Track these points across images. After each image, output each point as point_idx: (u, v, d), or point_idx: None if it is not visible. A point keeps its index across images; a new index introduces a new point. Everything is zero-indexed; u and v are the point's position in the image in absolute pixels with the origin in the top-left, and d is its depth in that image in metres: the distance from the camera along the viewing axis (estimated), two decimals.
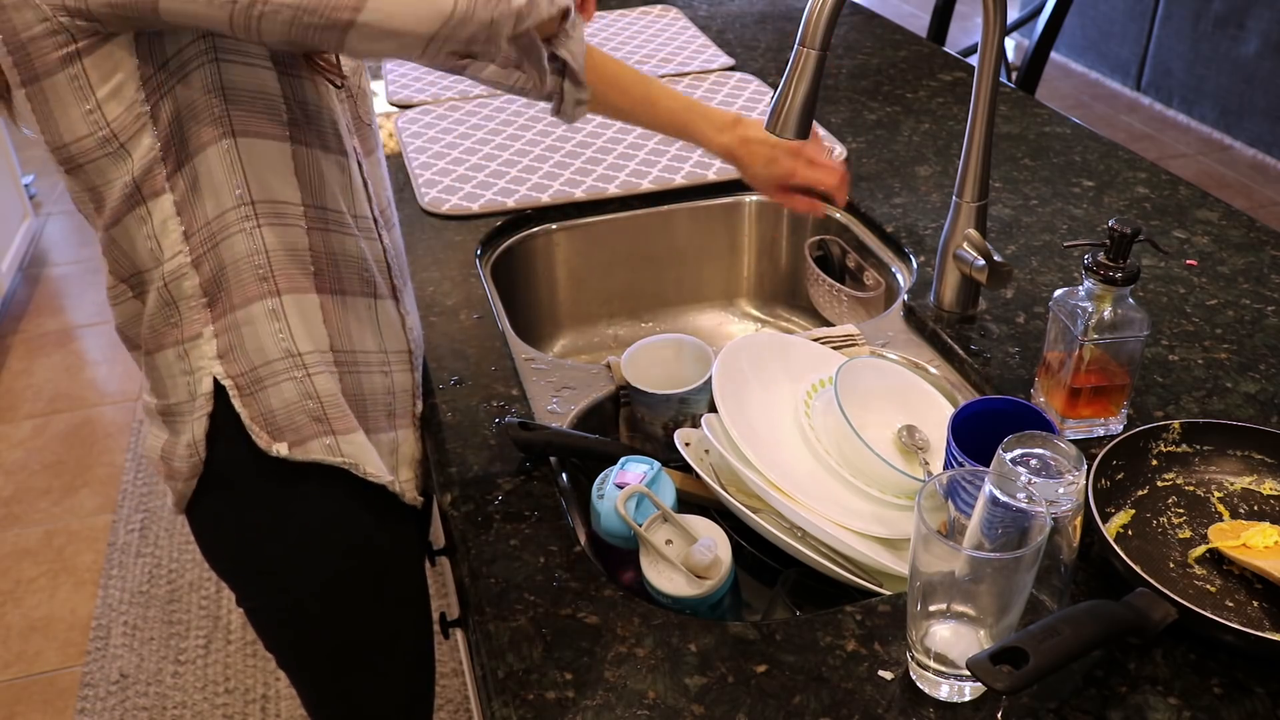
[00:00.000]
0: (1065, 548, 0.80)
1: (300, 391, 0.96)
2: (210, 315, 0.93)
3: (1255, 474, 0.97)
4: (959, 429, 0.92)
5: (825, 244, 1.53)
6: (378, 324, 1.03)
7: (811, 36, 1.01)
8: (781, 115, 1.03)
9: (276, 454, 0.96)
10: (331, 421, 0.98)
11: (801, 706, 0.77)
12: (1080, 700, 0.78)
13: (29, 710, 2.06)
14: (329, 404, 0.98)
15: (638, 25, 2.19)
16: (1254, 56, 4.01)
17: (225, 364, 0.94)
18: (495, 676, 0.81)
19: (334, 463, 0.99)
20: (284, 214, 0.92)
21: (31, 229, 3.56)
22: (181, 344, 0.94)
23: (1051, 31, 2.60)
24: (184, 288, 0.92)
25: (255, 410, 0.96)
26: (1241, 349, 1.17)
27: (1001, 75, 1.23)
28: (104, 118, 0.84)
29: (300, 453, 0.97)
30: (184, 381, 0.96)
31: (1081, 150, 1.63)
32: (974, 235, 1.19)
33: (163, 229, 0.89)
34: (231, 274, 0.92)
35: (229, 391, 0.95)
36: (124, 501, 2.55)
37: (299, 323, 0.95)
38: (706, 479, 0.97)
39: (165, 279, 0.91)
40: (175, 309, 0.93)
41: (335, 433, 0.99)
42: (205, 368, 0.94)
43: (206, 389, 0.95)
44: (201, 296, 0.92)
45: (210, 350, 0.94)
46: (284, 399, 0.96)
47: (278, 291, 0.94)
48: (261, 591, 1.08)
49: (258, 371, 0.95)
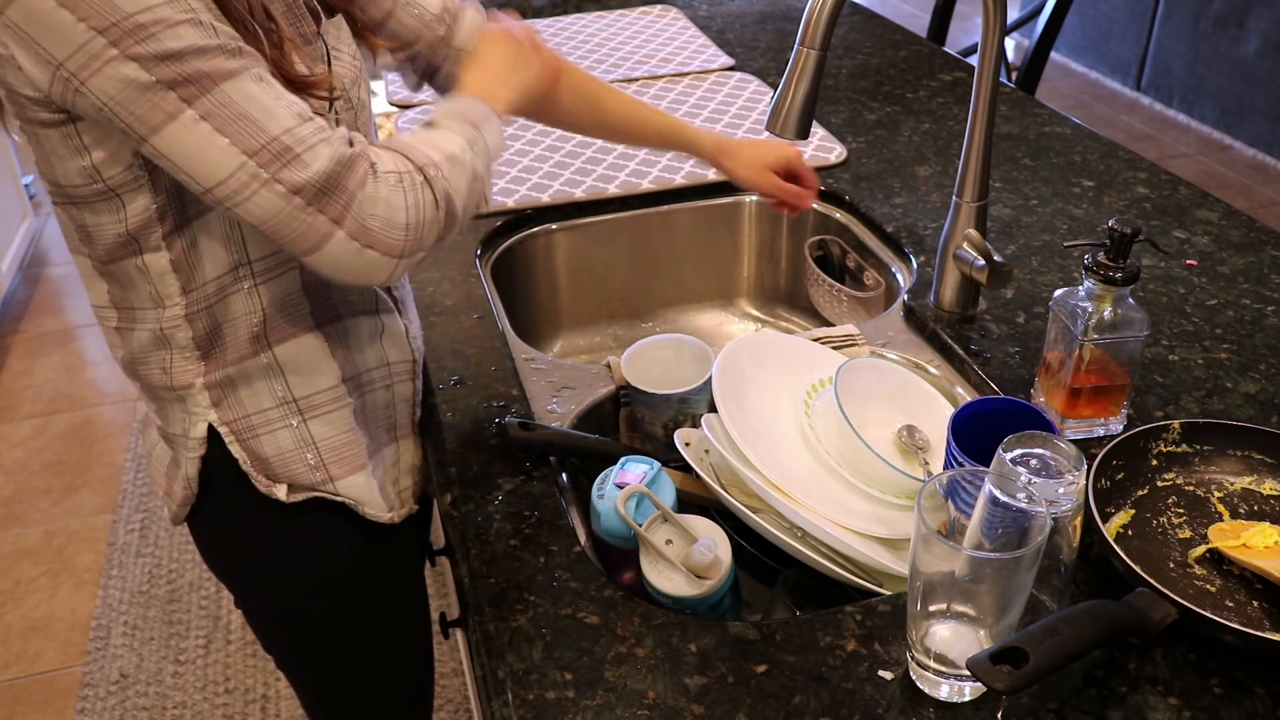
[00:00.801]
0: (1065, 548, 0.80)
1: (297, 440, 0.96)
2: (203, 368, 0.93)
3: (1255, 474, 0.97)
4: (959, 429, 0.92)
5: (825, 244, 1.53)
6: (380, 339, 1.02)
7: (812, 36, 1.01)
8: (782, 115, 1.04)
9: (275, 496, 0.97)
10: (330, 467, 0.98)
11: (801, 706, 0.77)
12: (1080, 700, 0.78)
13: (29, 710, 2.06)
14: (327, 449, 0.98)
15: (638, 25, 2.19)
16: (1254, 56, 4.01)
17: (219, 411, 0.94)
18: (495, 676, 0.81)
19: (336, 500, 1.00)
20: (281, 263, 0.91)
21: (31, 229, 3.56)
22: (173, 389, 0.94)
23: (1051, 31, 2.60)
24: (178, 338, 0.91)
25: (252, 454, 0.96)
26: (1241, 349, 1.17)
27: (1001, 75, 1.23)
28: (99, 174, 0.82)
29: (299, 496, 0.98)
30: (180, 418, 0.96)
31: (1081, 150, 1.63)
32: (974, 235, 1.19)
33: (160, 280, 0.88)
34: (228, 332, 0.91)
35: (225, 437, 0.95)
36: (124, 501, 2.55)
37: (296, 370, 0.95)
38: (706, 479, 0.97)
39: (162, 324, 0.90)
40: (168, 353, 0.92)
41: (334, 478, 0.99)
42: (200, 414, 0.94)
43: (201, 433, 0.95)
44: (195, 350, 0.92)
45: (204, 400, 0.94)
46: (279, 446, 0.96)
47: (270, 345, 0.93)
48: (259, 593, 1.08)
49: (251, 419, 0.95)
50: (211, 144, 0.75)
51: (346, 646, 1.12)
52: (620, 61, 1.99)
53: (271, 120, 0.76)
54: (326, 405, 0.97)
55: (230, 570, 1.09)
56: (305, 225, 0.77)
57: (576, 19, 2.24)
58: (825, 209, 1.55)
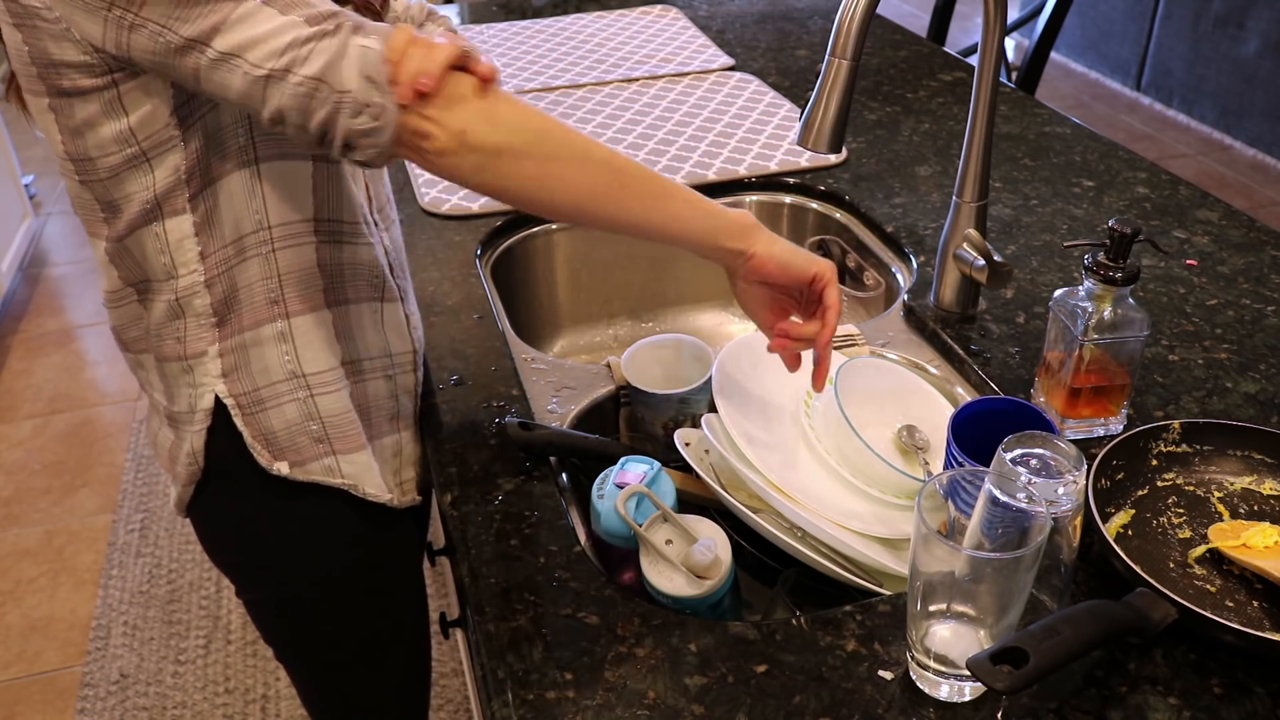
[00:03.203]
0: (1065, 548, 0.80)
1: (303, 412, 0.97)
2: (218, 335, 0.93)
3: (1255, 474, 0.97)
4: (959, 429, 0.92)
5: (825, 244, 1.54)
6: (383, 327, 1.03)
7: (843, 47, 0.98)
8: (814, 128, 1.00)
9: (277, 472, 0.97)
10: (333, 441, 0.99)
11: (801, 706, 0.77)
12: (1080, 700, 0.78)
13: (29, 710, 2.06)
14: (331, 424, 0.98)
15: (638, 25, 2.19)
16: (1254, 56, 4.01)
17: (228, 383, 0.94)
18: (495, 676, 0.81)
19: (334, 484, 1.00)
20: (299, 234, 0.92)
21: (31, 229, 3.56)
22: (185, 359, 0.94)
23: (1051, 31, 2.60)
24: (194, 305, 0.91)
25: (256, 429, 0.96)
26: (1241, 349, 1.17)
27: (1001, 75, 1.23)
28: (134, 136, 0.83)
29: (301, 473, 0.98)
30: (186, 393, 0.96)
31: (1081, 150, 1.63)
32: (974, 235, 1.19)
33: (179, 246, 0.89)
34: (244, 296, 0.92)
35: (230, 410, 0.95)
36: (124, 501, 2.55)
37: (307, 344, 0.95)
38: (706, 479, 0.97)
39: (177, 293, 0.91)
40: (182, 322, 0.92)
41: (337, 452, 0.99)
42: (208, 385, 0.94)
43: (207, 404, 0.95)
44: (211, 316, 0.92)
45: (215, 369, 0.94)
46: (286, 420, 0.96)
47: (287, 314, 0.94)
48: (260, 583, 1.08)
49: (260, 392, 0.95)
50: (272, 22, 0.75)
51: (346, 638, 1.12)
52: (620, 61, 1.99)
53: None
54: (330, 384, 0.97)
55: (231, 560, 1.09)
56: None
57: (576, 19, 2.24)
58: (825, 209, 1.55)
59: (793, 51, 2.06)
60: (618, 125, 1.71)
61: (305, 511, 1.01)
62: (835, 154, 1.01)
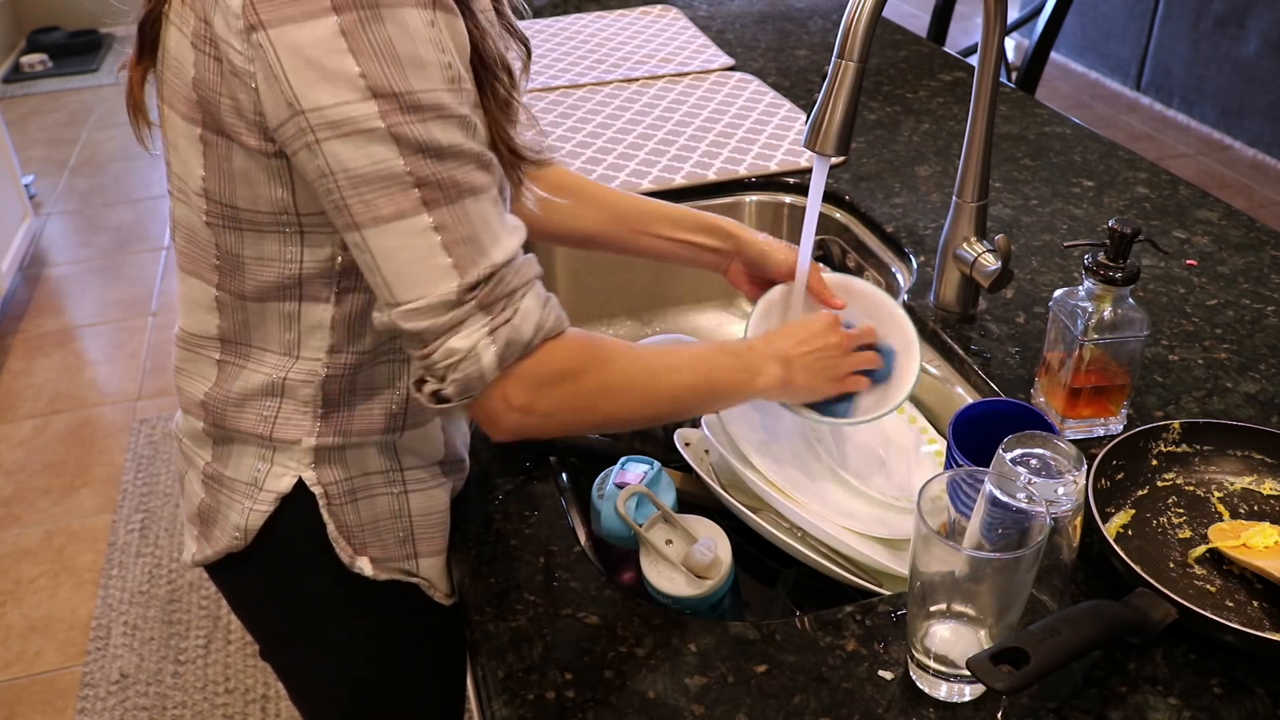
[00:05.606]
0: (1065, 548, 0.80)
1: (393, 509, 0.90)
2: (318, 428, 0.84)
3: (1255, 474, 0.97)
4: (959, 429, 0.92)
5: (825, 244, 1.53)
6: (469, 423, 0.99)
7: (850, 48, 0.96)
8: (821, 131, 0.98)
9: (357, 570, 0.89)
10: (418, 544, 0.93)
11: (801, 706, 0.77)
12: (1080, 700, 0.78)
13: (29, 710, 2.06)
14: (419, 524, 0.92)
15: (638, 25, 2.19)
16: (1254, 56, 4.01)
17: (319, 470, 0.85)
18: (495, 676, 0.81)
19: (409, 582, 0.93)
20: None
21: (31, 229, 3.56)
22: (268, 441, 0.84)
23: (1051, 31, 2.60)
24: (301, 392, 0.83)
25: (343, 522, 0.87)
26: (1241, 349, 1.17)
27: (1001, 75, 1.23)
28: (293, 209, 0.73)
29: (381, 571, 0.91)
30: (252, 465, 0.85)
31: (1081, 150, 1.63)
32: (1001, 240, 1.19)
33: (310, 332, 0.80)
34: (361, 401, 0.84)
35: (318, 499, 0.86)
36: (124, 501, 2.55)
37: (413, 452, 0.90)
38: (706, 479, 0.97)
39: (287, 373, 0.82)
40: (277, 403, 0.83)
41: (419, 555, 0.93)
42: (292, 469, 0.85)
43: (284, 488, 0.85)
44: (317, 408, 0.83)
45: (305, 459, 0.85)
46: (375, 513, 0.89)
47: (404, 427, 0.88)
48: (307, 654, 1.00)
49: (354, 482, 0.87)
50: (432, 259, 0.68)
51: (392, 708, 1.03)
52: (620, 61, 1.99)
53: (497, 248, 0.70)
54: (427, 481, 0.92)
55: (273, 629, 0.99)
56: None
57: (576, 19, 2.24)
58: (825, 209, 1.55)
59: (793, 51, 2.06)
60: (618, 125, 1.71)
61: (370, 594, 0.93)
62: (842, 157, 0.99)
